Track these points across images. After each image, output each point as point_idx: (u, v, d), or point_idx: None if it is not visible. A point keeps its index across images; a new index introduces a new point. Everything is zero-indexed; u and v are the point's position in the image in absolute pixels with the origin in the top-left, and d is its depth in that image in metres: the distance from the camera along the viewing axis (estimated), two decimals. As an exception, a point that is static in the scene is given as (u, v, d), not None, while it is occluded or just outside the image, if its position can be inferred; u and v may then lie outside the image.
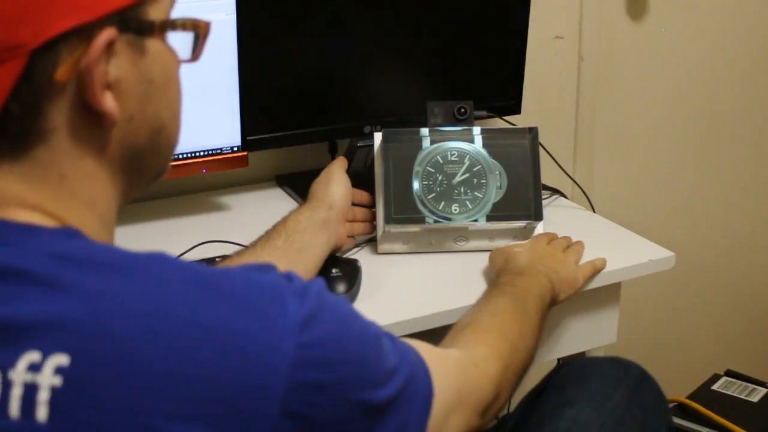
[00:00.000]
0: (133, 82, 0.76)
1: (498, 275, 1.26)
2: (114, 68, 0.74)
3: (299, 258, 1.23)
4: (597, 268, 1.36)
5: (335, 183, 1.34)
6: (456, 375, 0.92)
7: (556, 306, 1.32)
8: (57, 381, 0.67)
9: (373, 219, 1.44)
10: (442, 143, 1.43)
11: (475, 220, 1.41)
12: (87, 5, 0.72)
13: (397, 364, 0.80)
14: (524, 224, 1.43)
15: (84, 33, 0.72)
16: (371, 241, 1.45)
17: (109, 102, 0.74)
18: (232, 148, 1.53)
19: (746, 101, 2.27)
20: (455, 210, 1.41)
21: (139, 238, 1.47)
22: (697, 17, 2.14)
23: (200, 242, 1.40)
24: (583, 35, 1.98)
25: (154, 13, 0.76)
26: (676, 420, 1.63)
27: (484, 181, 1.42)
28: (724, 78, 2.22)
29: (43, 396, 0.67)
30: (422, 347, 0.88)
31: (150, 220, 1.55)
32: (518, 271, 1.24)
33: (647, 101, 2.14)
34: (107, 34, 0.72)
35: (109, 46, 0.73)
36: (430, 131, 1.44)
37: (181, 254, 1.38)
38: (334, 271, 1.29)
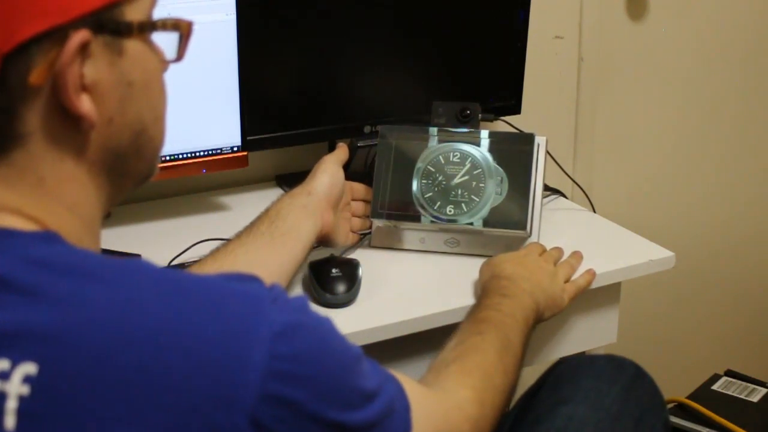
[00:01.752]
0: (111, 84, 0.75)
1: (484, 293, 1.23)
2: (90, 70, 0.73)
3: (285, 241, 1.23)
4: (580, 288, 1.32)
5: (320, 172, 1.33)
6: (439, 417, 0.91)
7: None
8: (25, 390, 0.67)
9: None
10: (447, 143, 1.43)
11: (470, 224, 1.40)
12: (58, 8, 0.71)
13: (376, 389, 0.79)
14: (515, 234, 1.40)
15: (57, 36, 0.71)
16: (369, 236, 1.45)
17: (85, 104, 0.73)
18: (232, 148, 1.53)
19: (746, 101, 2.27)
20: (449, 211, 1.41)
21: (139, 238, 1.47)
22: (697, 17, 2.14)
23: (197, 241, 1.40)
24: (583, 35, 1.98)
25: (132, 14, 0.75)
26: (676, 420, 1.63)
27: (482, 185, 1.41)
28: (724, 78, 2.22)
29: (11, 405, 0.67)
30: (406, 383, 0.86)
31: (150, 220, 1.55)
32: (503, 291, 1.21)
33: (647, 101, 2.14)
34: (80, 36, 0.71)
35: (84, 48, 0.72)
36: (438, 131, 1.44)
37: (179, 254, 1.38)
38: (334, 271, 1.28)
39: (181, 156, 1.50)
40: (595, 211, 1.66)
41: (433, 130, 1.44)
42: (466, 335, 1.11)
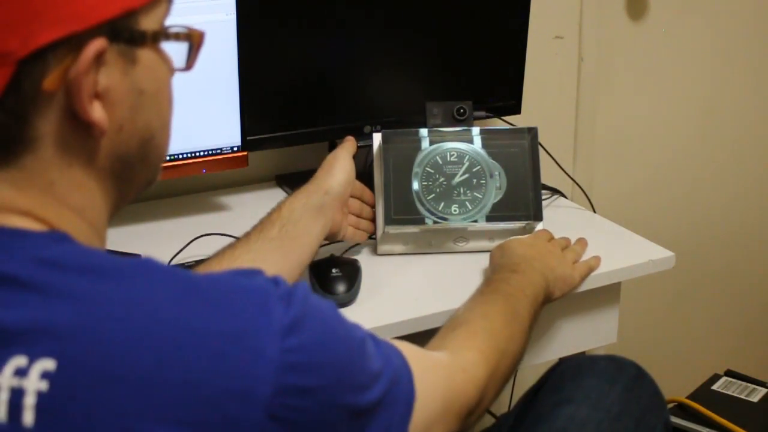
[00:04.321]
0: (123, 92, 0.75)
1: (494, 270, 1.26)
2: (104, 78, 0.73)
3: (294, 246, 1.22)
4: (592, 268, 1.36)
5: (337, 169, 1.30)
6: (442, 382, 0.92)
7: (556, 306, 1.32)
8: (43, 386, 0.67)
9: (374, 219, 1.44)
10: (441, 144, 1.43)
11: (475, 221, 1.41)
12: (76, 15, 0.71)
13: (381, 367, 0.81)
14: (524, 225, 1.43)
15: (73, 43, 0.71)
16: (371, 241, 1.45)
17: (97, 112, 0.73)
18: (232, 148, 1.53)
19: (746, 101, 2.27)
20: (455, 211, 1.41)
21: (139, 238, 1.47)
22: (697, 17, 2.14)
23: (197, 236, 1.40)
24: (583, 35, 1.98)
25: (147, 23, 0.76)
26: (676, 420, 1.63)
27: (483, 181, 1.42)
28: (724, 78, 2.22)
29: (29, 401, 0.67)
30: (409, 350, 0.88)
31: (150, 220, 1.55)
32: (513, 267, 1.24)
33: (647, 101, 2.14)
34: (97, 44, 0.71)
35: (99, 57, 0.72)
36: (429, 132, 1.44)
37: (179, 251, 1.38)
38: (334, 271, 1.28)
39: (181, 156, 1.50)
40: (595, 211, 1.66)
41: (424, 132, 1.44)
42: (473, 304, 1.14)
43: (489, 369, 1.00)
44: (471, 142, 1.44)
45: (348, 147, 1.36)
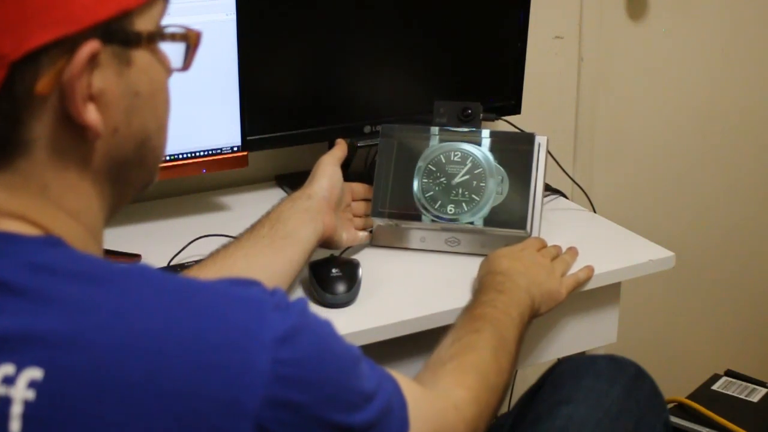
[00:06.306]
0: (118, 95, 0.74)
1: (480, 289, 1.24)
2: (98, 80, 0.72)
3: (285, 245, 1.23)
4: (579, 281, 1.33)
5: (320, 174, 1.32)
6: (435, 417, 0.91)
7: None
8: (30, 395, 0.67)
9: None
10: (448, 143, 1.43)
11: (470, 223, 1.40)
12: (69, 17, 0.70)
13: (375, 390, 0.79)
14: (515, 233, 1.40)
15: (66, 45, 0.70)
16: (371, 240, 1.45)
17: (91, 114, 0.72)
18: (232, 148, 1.53)
19: (746, 101, 2.27)
20: (450, 210, 1.41)
21: (139, 238, 1.47)
22: (697, 17, 2.14)
23: (197, 236, 1.40)
24: (583, 35, 1.99)
25: (142, 24, 0.75)
26: (676, 420, 1.63)
27: (483, 184, 1.41)
28: (724, 78, 2.22)
29: (16, 410, 0.67)
30: (404, 382, 0.87)
31: (150, 220, 1.55)
32: (499, 287, 1.21)
33: (647, 101, 2.14)
34: (90, 46, 0.71)
35: (93, 59, 0.71)
36: (439, 130, 1.44)
37: (179, 251, 1.38)
38: (334, 271, 1.28)
39: (181, 156, 1.50)
40: (595, 211, 1.66)
41: (435, 130, 1.44)
42: (462, 333, 1.11)
43: (479, 408, 0.99)
44: (479, 144, 1.43)
45: (335, 152, 1.38)
